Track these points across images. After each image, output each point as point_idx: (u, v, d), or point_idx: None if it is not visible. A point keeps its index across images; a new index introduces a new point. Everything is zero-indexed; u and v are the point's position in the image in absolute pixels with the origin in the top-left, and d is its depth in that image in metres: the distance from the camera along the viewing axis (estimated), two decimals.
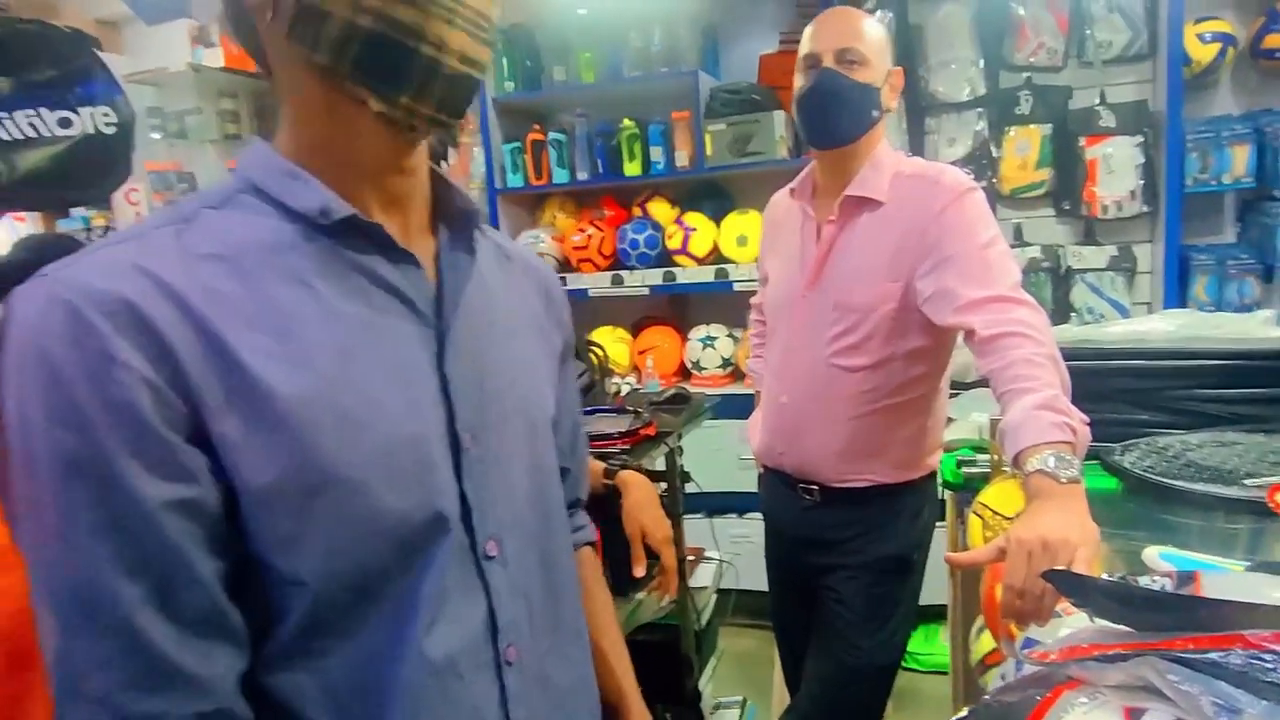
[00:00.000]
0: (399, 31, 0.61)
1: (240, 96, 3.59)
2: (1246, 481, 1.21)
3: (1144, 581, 0.69)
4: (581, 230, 3.59)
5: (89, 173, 1.23)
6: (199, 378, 0.58)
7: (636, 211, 3.62)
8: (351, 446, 0.62)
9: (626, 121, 3.48)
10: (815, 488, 1.69)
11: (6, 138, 1.15)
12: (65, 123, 1.19)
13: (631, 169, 3.50)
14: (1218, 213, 3.10)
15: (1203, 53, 2.90)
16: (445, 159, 1.24)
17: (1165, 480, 1.27)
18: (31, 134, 1.17)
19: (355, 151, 0.67)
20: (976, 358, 1.34)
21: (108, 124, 1.23)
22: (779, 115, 3.21)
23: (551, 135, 3.57)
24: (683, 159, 3.42)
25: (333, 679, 0.64)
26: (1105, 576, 0.75)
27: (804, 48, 1.58)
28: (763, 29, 3.52)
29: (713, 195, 3.54)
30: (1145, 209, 3.00)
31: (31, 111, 1.16)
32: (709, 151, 3.30)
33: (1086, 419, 1.15)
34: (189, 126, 3.51)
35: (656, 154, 3.46)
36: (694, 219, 3.43)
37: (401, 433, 0.66)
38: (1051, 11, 3.06)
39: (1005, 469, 1.33)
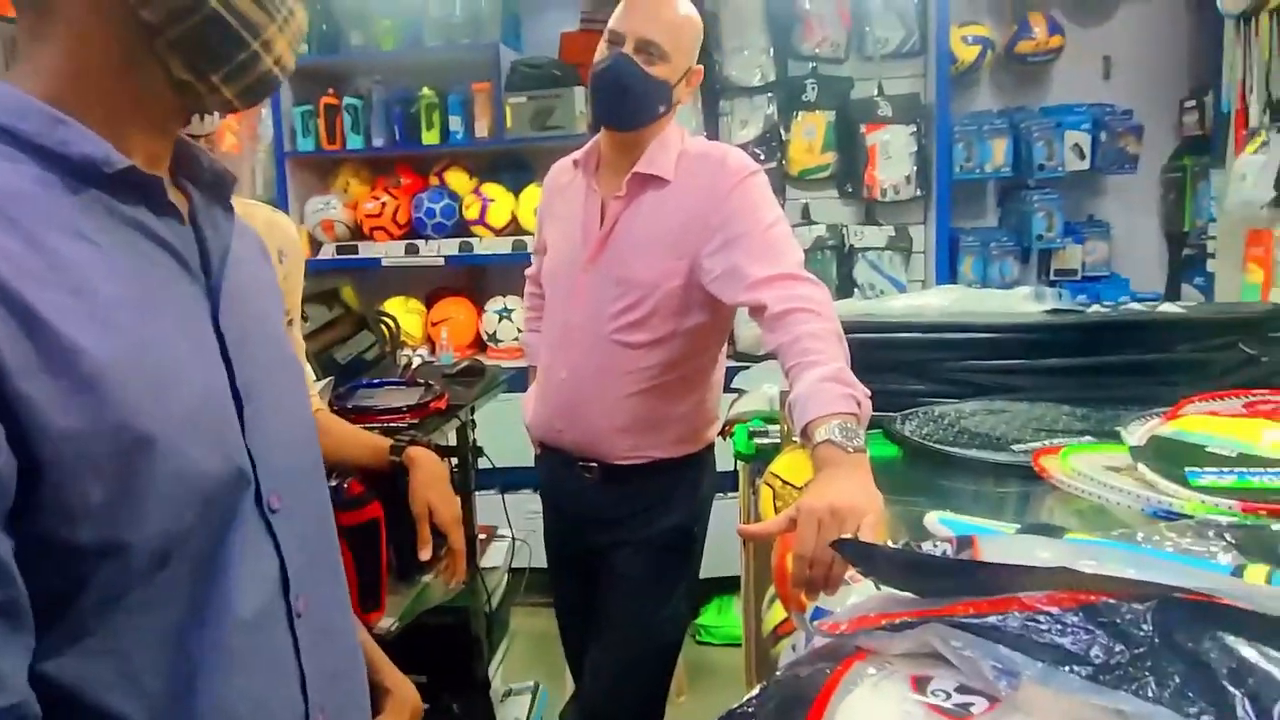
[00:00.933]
0: (240, 22, 0.63)
1: None
2: (1014, 447, 1.28)
3: (926, 547, 0.69)
4: (376, 198, 3.43)
5: None
6: (3, 339, 0.53)
7: (434, 181, 3.50)
8: (163, 405, 0.60)
9: (426, 90, 3.35)
10: (595, 465, 1.66)
11: None
12: None
13: (430, 138, 3.37)
14: (981, 199, 3.41)
15: (966, 53, 3.17)
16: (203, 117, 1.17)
17: (942, 447, 1.33)
18: None
19: (136, 108, 0.64)
20: (765, 333, 1.37)
21: None
22: (579, 91, 3.17)
23: (347, 100, 3.39)
24: (482, 130, 3.33)
25: (131, 659, 0.60)
26: (889, 543, 0.76)
27: (613, 19, 1.55)
28: (564, 6, 3.50)
29: (512, 167, 3.48)
30: (919, 193, 3.24)
31: None
32: (509, 124, 3.23)
33: (869, 391, 1.18)
34: None
35: (455, 124, 3.35)
36: (492, 190, 3.35)
37: (202, 390, 0.65)
38: (835, 6, 3.22)
39: (794, 440, 1.35)
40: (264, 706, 0.68)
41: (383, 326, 2.41)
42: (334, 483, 1.42)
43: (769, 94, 3.29)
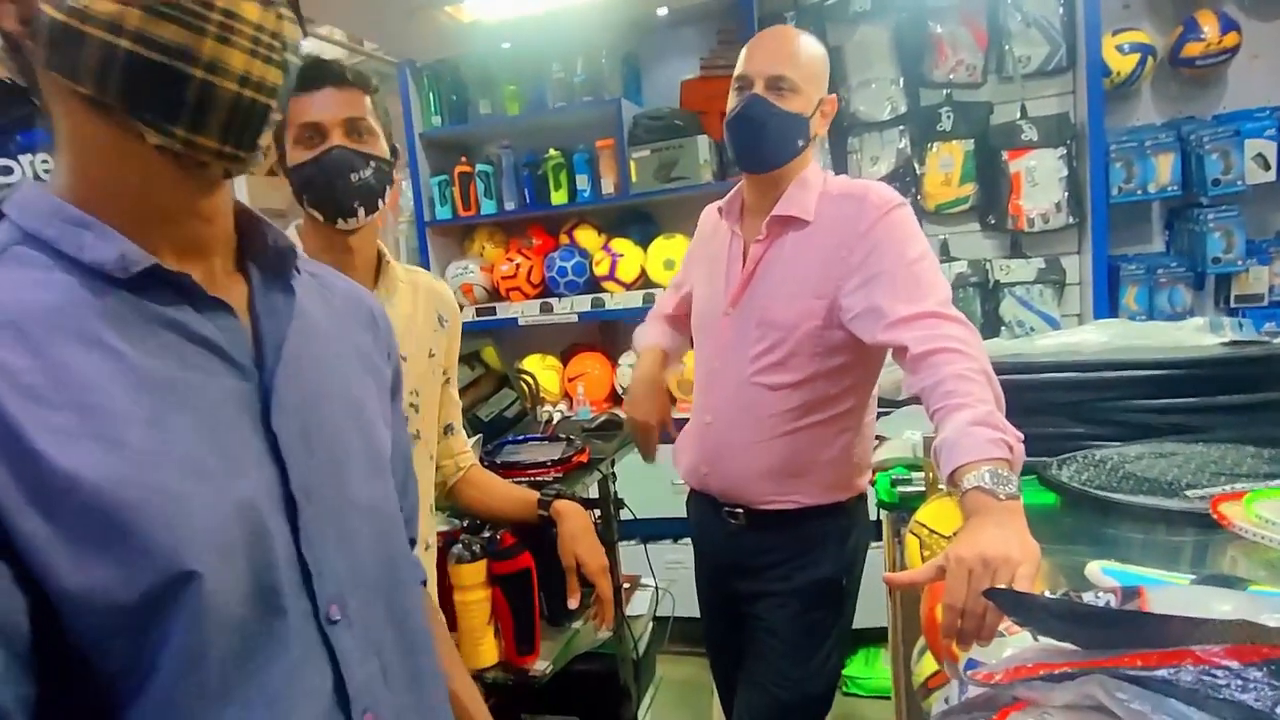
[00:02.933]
0: (164, 53, 0.55)
1: None
2: (1188, 493, 1.18)
3: (1088, 597, 0.67)
4: (510, 259, 3.55)
5: None
6: None
7: (564, 239, 3.59)
8: (177, 529, 0.55)
9: (552, 151, 3.47)
10: (740, 510, 1.64)
11: None
12: (6, 170, 1.23)
13: (558, 198, 3.48)
14: (1145, 222, 3.13)
15: (1122, 63, 2.94)
16: (382, 197, 1.23)
17: (1105, 493, 1.24)
18: None
19: (144, 193, 0.60)
20: (907, 375, 1.32)
21: (46, 170, 1.28)
22: (703, 140, 3.20)
23: (479, 167, 3.56)
24: (608, 186, 3.40)
25: None
26: (1047, 593, 0.75)
27: (738, 67, 1.55)
28: (683, 55, 3.54)
29: (639, 221, 3.53)
30: (1071, 220, 3.01)
31: None
32: (634, 178, 3.28)
33: (1021, 436, 1.13)
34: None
35: (582, 182, 3.44)
36: (621, 245, 3.40)
37: (228, 504, 0.59)
38: (969, 28, 3.09)
39: (941, 487, 1.31)
40: None
41: (523, 384, 2.49)
42: (487, 534, 1.59)
43: (900, 126, 3.18)
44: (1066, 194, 3.00)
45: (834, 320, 1.50)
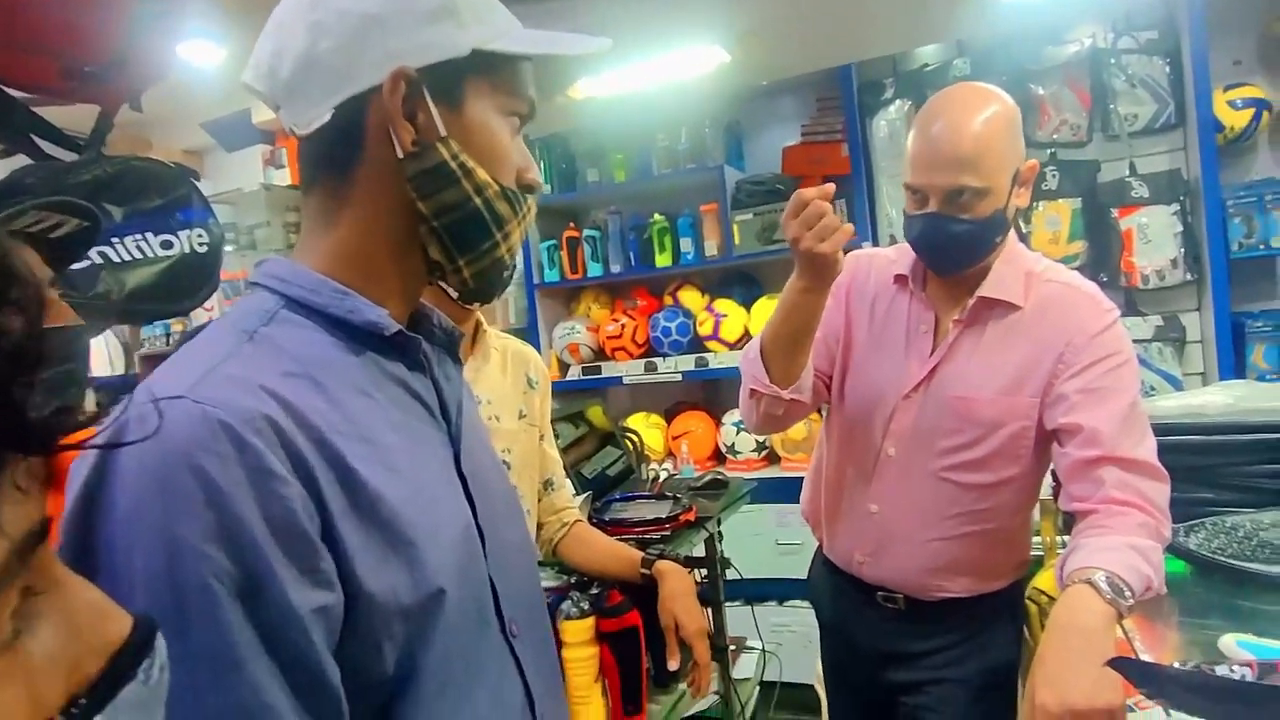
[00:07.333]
0: (492, 218, 0.71)
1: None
2: None
3: (1221, 671, 0.67)
4: (615, 320, 3.64)
5: (185, 287, 1.36)
6: (326, 485, 0.60)
7: (668, 300, 3.67)
8: (438, 550, 0.65)
9: (657, 216, 3.57)
10: (900, 596, 1.48)
11: (116, 259, 1.28)
12: (167, 244, 1.32)
13: (662, 260, 3.56)
14: (1270, 278, 3.01)
15: (1235, 119, 2.87)
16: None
17: (1238, 563, 1.21)
18: (138, 255, 1.30)
19: (398, 281, 0.73)
20: (1078, 501, 1.24)
21: (201, 244, 1.36)
22: None
23: (586, 232, 3.68)
24: (711, 249, 3.47)
25: None
26: (1177, 665, 0.71)
27: (909, 171, 1.37)
28: (784, 123, 3.61)
29: (742, 282, 3.58)
30: (1189, 277, 2.93)
31: (139, 236, 1.30)
32: (737, 240, 3.34)
33: (1164, 590, 1.08)
34: (258, 238, 3.82)
35: (686, 245, 3.53)
36: (724, 305, 3.46)
37: (458, 532, 0.70)
38: (1072, 89, 3.07)
39: (1059, 551, 1.25)
40: None
41: (627, 441, 2.52)
42: (595, 591, 1.55)
43: None
44: (1183, 250, 2.93)
45: (1041, 421, 1.34)
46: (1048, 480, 1.46)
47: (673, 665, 1.47)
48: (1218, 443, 1.48)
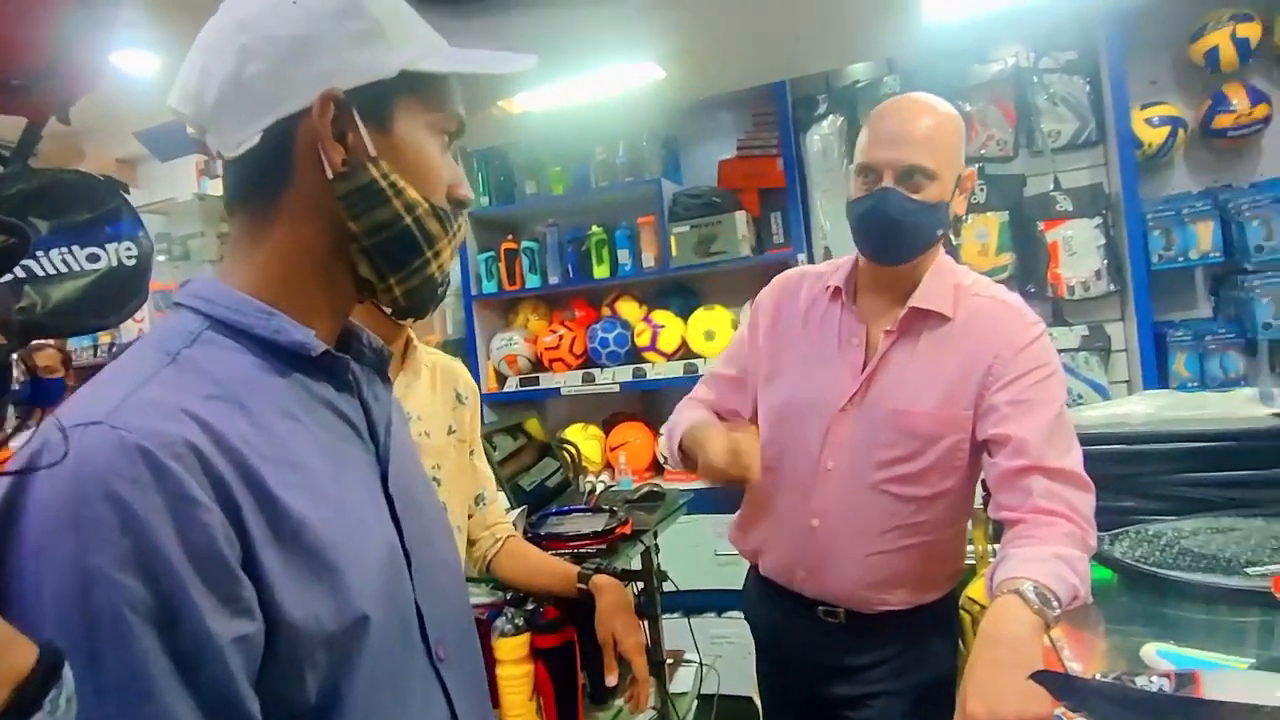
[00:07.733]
0: (423, 236, 0.71)
1: None
2: (1249, 570, 1.15)
3: (1141, 682, 0.67)
4: (553, 331, 3.63)
5: (112, 302, 1.32)
6: (248, 512, 0.59)
7: (605, 311, 3.67)
8: (362, 575, 0.64)
9: (595, 228, 3.57)
10: (840, 610, 1.48)
11: (41, 273, 1.24)
12: (94, 258, 1.29)
13: (600, 271, 3.56)
14: (1189, 288, 3.11)
15: (1153, 135, 2.98)
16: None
17: (1161, 571, 1.22)
18: (64, 269, 1.26)
19: (325, 300, 0.72)
20: (1007, 509, 1.25)
21: (129, 257, 1.32)
22: (740, 215, 3.28)
23: (524, 244, 3.67)
24: (649, 260, 3.48)
25: None
26: (1099, 676, 0.72)
27: (862, 153, 1.39)
28: (720, 137, 3.65)
29: (679, 294, 3.60)
30: (1113, 288, 3.02)
31: (65, 249, 1.26)
32: (674, 252, 3.35)
33: (1090, 599, 1.10)
34: (192, 249, 3.76)
35: (624, 257, 3.53)
36: (662, 316, 3.47)
37: (384, 555, 0.69)
38: (998, 106, 3.16)
39: (990, 560, 1.26)
40: None
41: (565, 453, 2.49)
42: (531, 606, 1.53)
43: None
44: (1106, 262, 3.02)
45: (974, 433, 1.36)
46: (979, 490, 1.47)
47: (611, 681, 1.45)
48: (1140, 452, 1.50)
